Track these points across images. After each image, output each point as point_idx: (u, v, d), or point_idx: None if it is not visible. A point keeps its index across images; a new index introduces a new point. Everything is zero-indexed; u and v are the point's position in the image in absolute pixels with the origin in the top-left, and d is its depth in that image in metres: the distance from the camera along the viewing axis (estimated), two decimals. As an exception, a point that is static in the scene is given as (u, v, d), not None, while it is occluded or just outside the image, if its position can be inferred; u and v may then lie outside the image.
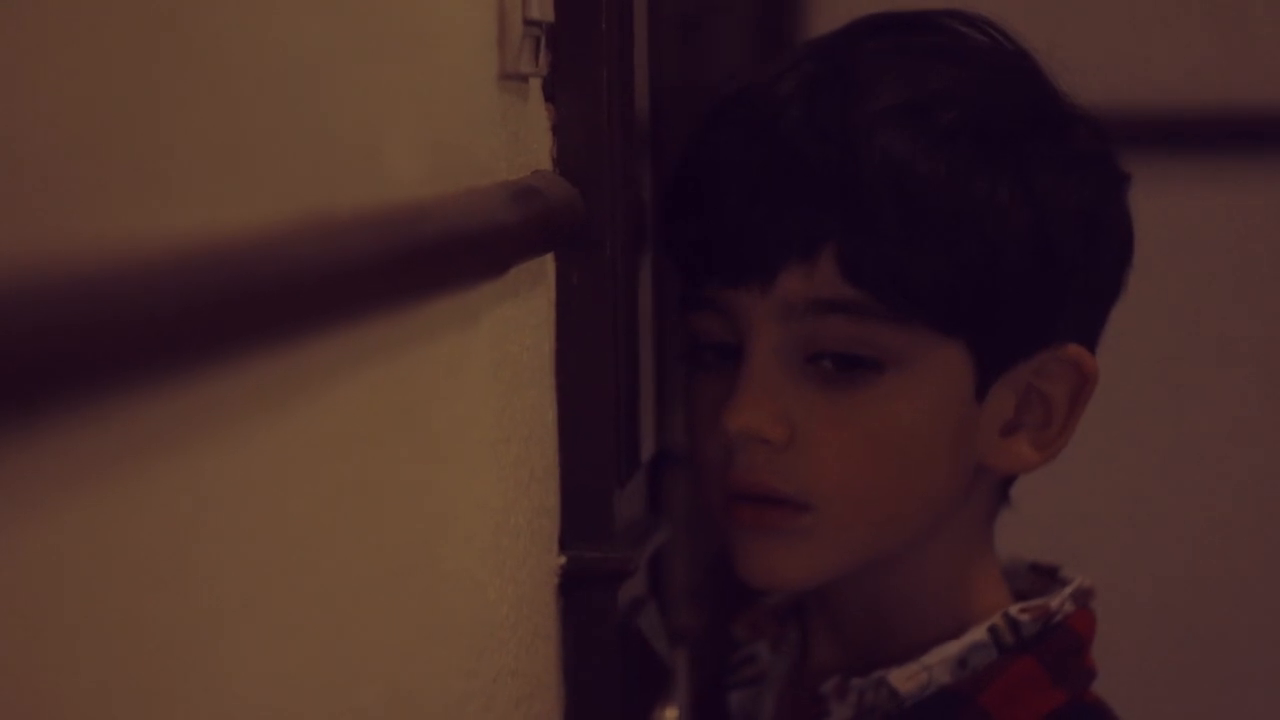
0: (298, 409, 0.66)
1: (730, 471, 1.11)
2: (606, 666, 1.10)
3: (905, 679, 1.12)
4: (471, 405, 0.91)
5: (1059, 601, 1.14)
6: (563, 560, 1.08)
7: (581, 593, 1.09)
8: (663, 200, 1.18)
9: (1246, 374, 2.41)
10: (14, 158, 0.47)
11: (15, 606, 0.47)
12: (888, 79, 1.10)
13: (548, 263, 1.06)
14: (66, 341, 0.46)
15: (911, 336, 1.08)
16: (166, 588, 0.56)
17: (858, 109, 1.08)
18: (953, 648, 1.12)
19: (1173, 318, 2.36)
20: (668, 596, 1.36)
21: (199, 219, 0.58)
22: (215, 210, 0.59)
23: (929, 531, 1.14)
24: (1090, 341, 1.16)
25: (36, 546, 0.48)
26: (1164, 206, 1.67)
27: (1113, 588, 1.21)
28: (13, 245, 0.46)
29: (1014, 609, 1.13)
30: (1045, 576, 1.19)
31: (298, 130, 0.67)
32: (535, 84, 1.04)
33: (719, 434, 1.10)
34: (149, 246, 0.52)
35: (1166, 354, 2.38)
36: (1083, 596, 1.15)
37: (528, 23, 0.97)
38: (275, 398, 0.64)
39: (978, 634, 1.12)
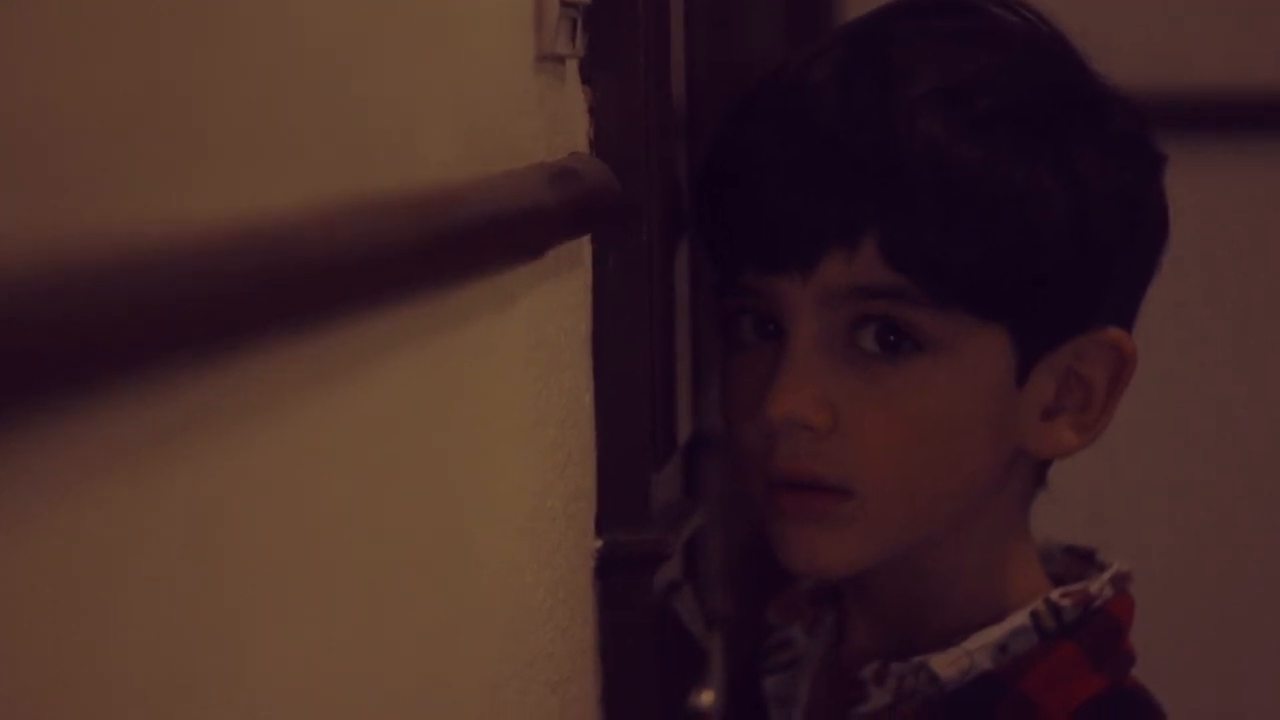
0: (334, 393, 0.66)
1: (772, 458, 1.10)
2: (642, 650, 1.10)
3: (947, 664, 1.11)
4: (508, 388, 0.91)
5: (1099, 586, 1.13)
6: (599, 543, 1.07)
7: (618, 576, 1.08)
8: (695, 189, 1.17)
9: (1281, 355, 2.40)
10: (46, 145, 0.46)
11: (32, 605, 0.46)
12: (923, 64, 1.09)
13: (584, 245, 1.06)
14: (101, 329, 0.46)
15: (952, 321, 1.08)
16: (198, 575, 0.55)
17: (894, 95, 1.08)
18: (994, 633, 1.12)
19: (1207, 299, 2.35)
20: (703, 579, 1.35)
21: (233, 204, 0.58)
22: (250, 195, 0.59)
23: (967, 515, 1.13)
24: (1127, 323, 1.15)
25: (62, 540, 0.48)
26: (1197, 188, 1.66)
27: (1149, 571, 1.20)
28: (42, 233, 0.46)
29: (1055, 594, 1.13)
30: (1082, 560, 1.18)
31: (334, 114, 0.67)
32: (572, 66, 1.04)
33: (759, 419, 1.09)
34: (181, 232, 0.52)
35: (1200, 336, 2.36)
36: (1121, 581, 1.15)
37: (564, 4, 0.97)
38: (311, 382, 0.64)
39: (1019, 619, 1.12)
